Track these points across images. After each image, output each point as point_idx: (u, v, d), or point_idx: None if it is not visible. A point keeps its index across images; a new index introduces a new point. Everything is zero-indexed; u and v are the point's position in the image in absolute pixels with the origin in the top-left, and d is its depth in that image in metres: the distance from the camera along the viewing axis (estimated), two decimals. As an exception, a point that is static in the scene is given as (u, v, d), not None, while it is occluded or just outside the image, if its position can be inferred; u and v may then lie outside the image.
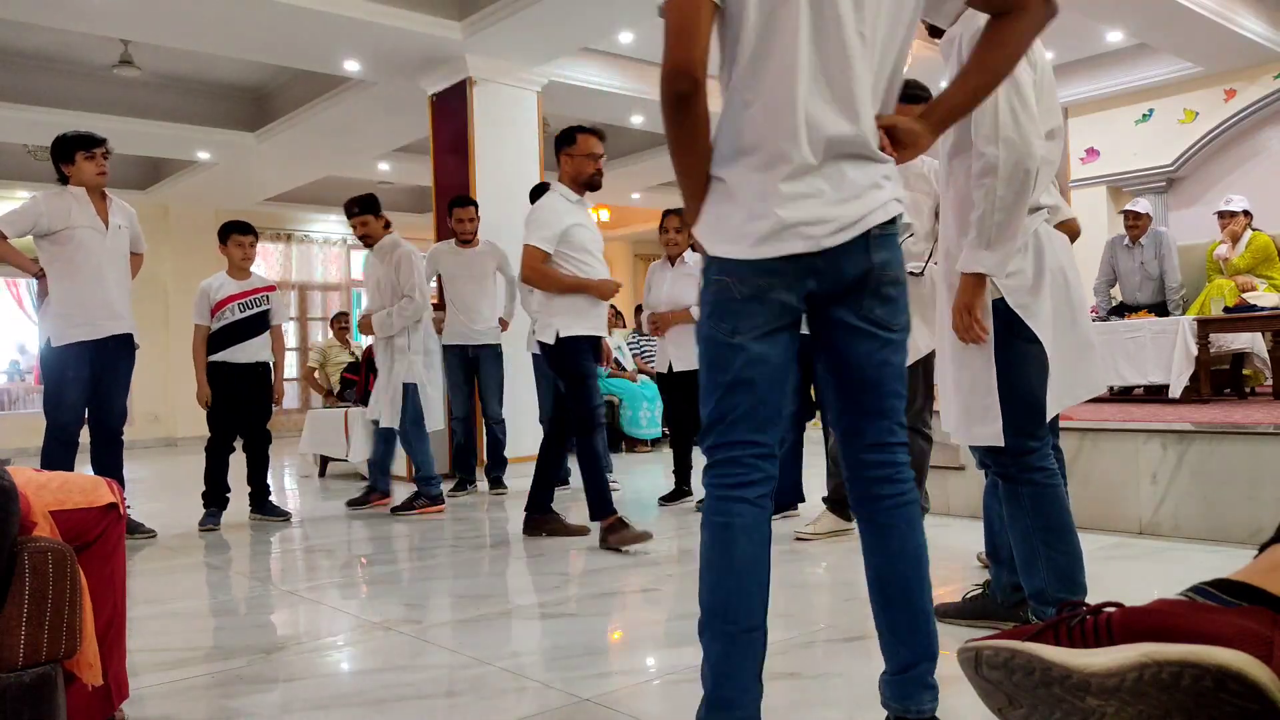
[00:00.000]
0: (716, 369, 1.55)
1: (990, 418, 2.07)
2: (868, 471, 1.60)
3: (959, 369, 2.13)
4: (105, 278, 4.32)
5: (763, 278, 1.49)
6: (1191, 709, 0.84)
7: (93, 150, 4.34)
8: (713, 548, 1.53)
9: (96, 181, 4.35)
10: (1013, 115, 1.96)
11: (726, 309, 1.53)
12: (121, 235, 4.43)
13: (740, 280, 1.50)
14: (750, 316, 1.51)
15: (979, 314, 2.05)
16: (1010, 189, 1.96)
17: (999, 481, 2.19)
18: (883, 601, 1.61)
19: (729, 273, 1.52)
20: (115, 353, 4.38)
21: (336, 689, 2.29)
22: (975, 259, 2.02)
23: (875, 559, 1.62)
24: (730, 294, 1.52)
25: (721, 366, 1.54)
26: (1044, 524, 2.10)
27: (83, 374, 4.29)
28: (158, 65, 8.20)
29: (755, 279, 1.50)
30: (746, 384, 1.52)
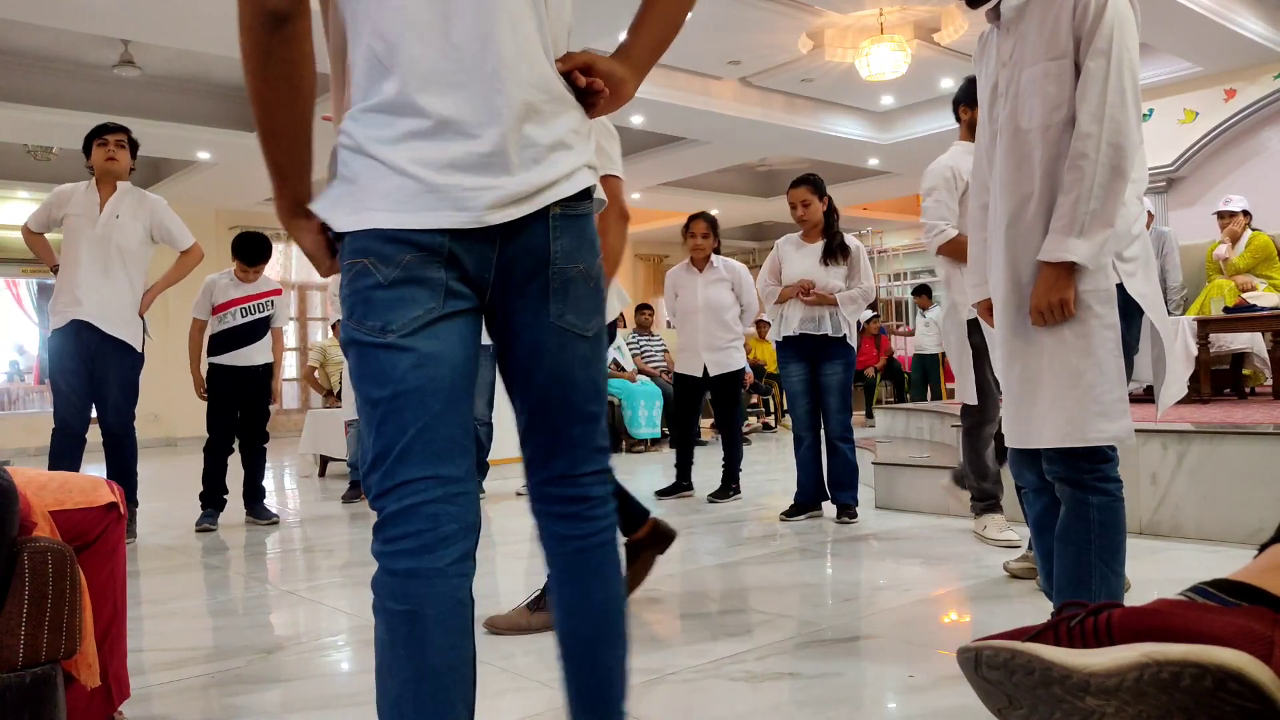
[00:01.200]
0: (368, 382, 1.15)
1: (1120, 412, 1.85)
2: (549, 505, 1.29)
3: (1080, 358, 1.87)
4: (79, 265, 4.26)
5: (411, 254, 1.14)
6: (1191, 709, 0.84)
7: (104, 137, 4.36)
8: (392, 648, 1.10)
9: (105, 168, 4.34)
10: (1121, 94, 1.80)
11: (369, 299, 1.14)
12: (118, 226, 4.31)
13: (383, 262, 1.14)
14: (403, 306, 1.14)
15: (1075, 307, 1.85)
16: (1108, 172, 1.80)
17: (1071, 491, 1.94)
18: (563, 660, 1.31)
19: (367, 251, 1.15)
20: (101, 348, 4.30)
21: (336, 689, 2.29)
22: (1065, 247, 1.82)
23: (557, 608, 1.32)
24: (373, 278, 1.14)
25: (375, 378, 1.14)
26: (1107, 541, 1.91)
27: (68, 365, 4.27)
28: (158, 65, 8.20)
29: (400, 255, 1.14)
30: (412, 395, 1.12)
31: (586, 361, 1.26)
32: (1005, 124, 1.97)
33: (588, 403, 1.27)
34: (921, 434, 6.19)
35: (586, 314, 1.25)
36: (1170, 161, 8.29)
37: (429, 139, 1.13)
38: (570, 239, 1.22)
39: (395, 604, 1.11)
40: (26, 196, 10.77)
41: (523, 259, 1.19)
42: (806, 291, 4.36)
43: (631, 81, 1.27)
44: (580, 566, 1.29)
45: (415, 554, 1.11)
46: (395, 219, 1.12)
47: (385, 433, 1.12)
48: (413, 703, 1.09)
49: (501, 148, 1.14)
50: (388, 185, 1.13)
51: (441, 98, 1.13)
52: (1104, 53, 1.81)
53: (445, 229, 1.13)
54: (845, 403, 4.42)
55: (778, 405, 11.03)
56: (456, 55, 1.14)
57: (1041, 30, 1.89)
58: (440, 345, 1.14)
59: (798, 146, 10.28)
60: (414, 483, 1.11)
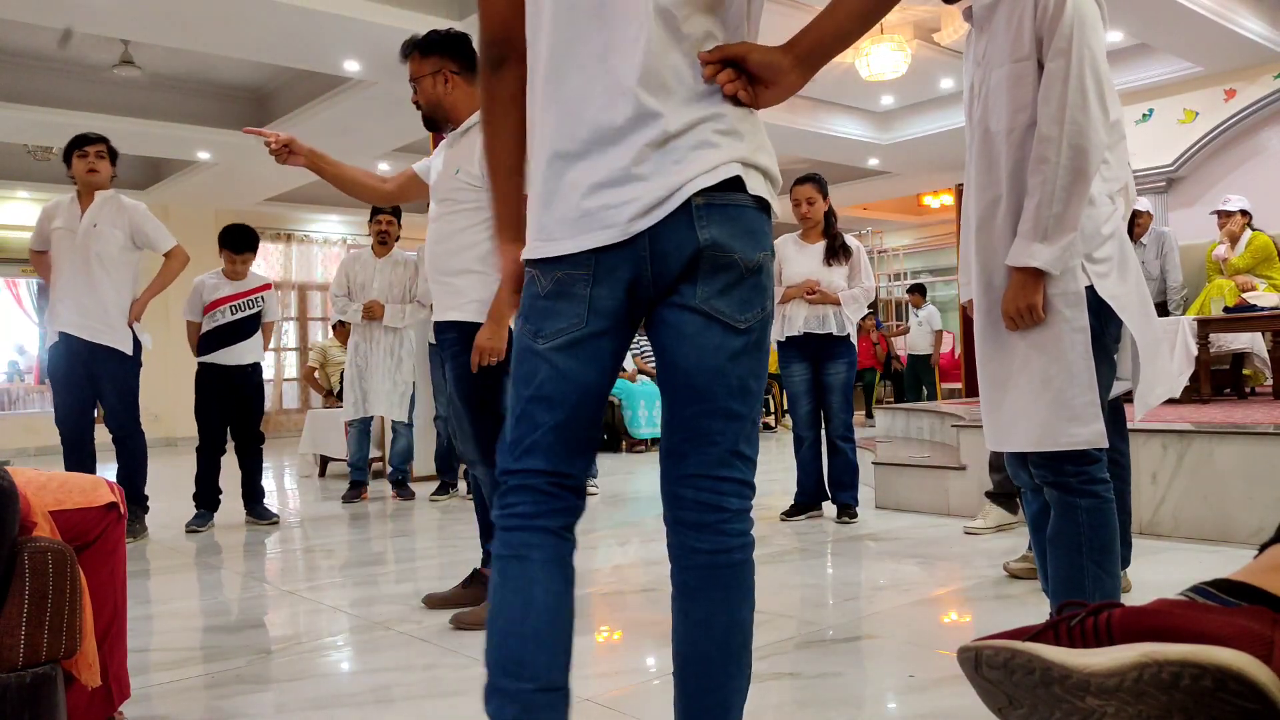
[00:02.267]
0: (519, 380, 1.28)
1: (1091, 416, 1.83)
2: (681, 511, 1.27)
3: (1049, 363, 1.86)
4: (61, 276, 4.31)
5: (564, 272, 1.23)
6: (1191, 709, 0.84)
7: (84, 149, 4.36)
8: (504, 589, 1.21)
9: (86, 180, 4.36)
10: (1082, 94, 1.78)
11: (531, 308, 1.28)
12: (96, 234, 4.32)
13: (542, 274, 1.26)
14: (552, 317, 1.25)
15: (1043, 312, 1.84)
16: (1070, 175, 1.78)
17: (1058, 495, 1.93)
18: (680, 681, 1.28)
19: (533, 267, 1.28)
20: (92, 355, 4.33)
21: (336, 689, 2.29)
22: (1029, 252, 1.81)
23: (678, 626, 1.28)
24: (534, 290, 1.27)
25: (523, 378, 1.27)
26: (1098, 542, 1.89)
27: (63, 374, 4.32)
28: (158, 65, 8.20)
29: (555, 273, 1.24)
30: (545, 402, 1.25)
31: (736, 355, 1.24)
32: (976, 126, 1.97)
33: (731, 398, 1.25)
34: (921, 434, 6.19)
35: (740, 304, 1.23)
36: (1170, 161, 8.29)
37: (574, 161, 1.22)
38: (719, 228, 1.21)
39: (508, 551, 1.24)
40: (26, 196, 10.77)
41: (674, 254, 1.21)
42: (811, 291, 4.36)
43: (795, 73, 1.25)
44: (706, 583, 1.26)
45: (529, 516, 1.24)
46: (548, 248, 1.24)
47: (522, 424, 1.26)
48: (521, 635, 1.19)
49: (640, 159, 1.19)
50: (543, 216, 1.25)
51: (582, 118, 1.21)
52: (1064, 52, 1.79)
53: (594, 249, 1.21)
54: (847, 402, 4.42)
55: (778, 405, 11.03)
56: (596, 72, 1.21)
57: (1008, 31, 1.87)
58: (576, 365, 1.24)
59: (798, 146, 10.27)
60: (534, 472, 1.25)
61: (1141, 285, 1.99)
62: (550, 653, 1.20)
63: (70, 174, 4.39)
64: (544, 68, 1.24)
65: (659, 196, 1.19)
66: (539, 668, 1.18)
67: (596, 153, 1.20)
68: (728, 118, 1.23)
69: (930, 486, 4.58)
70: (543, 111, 1.25)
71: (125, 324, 4.41)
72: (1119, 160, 1.96)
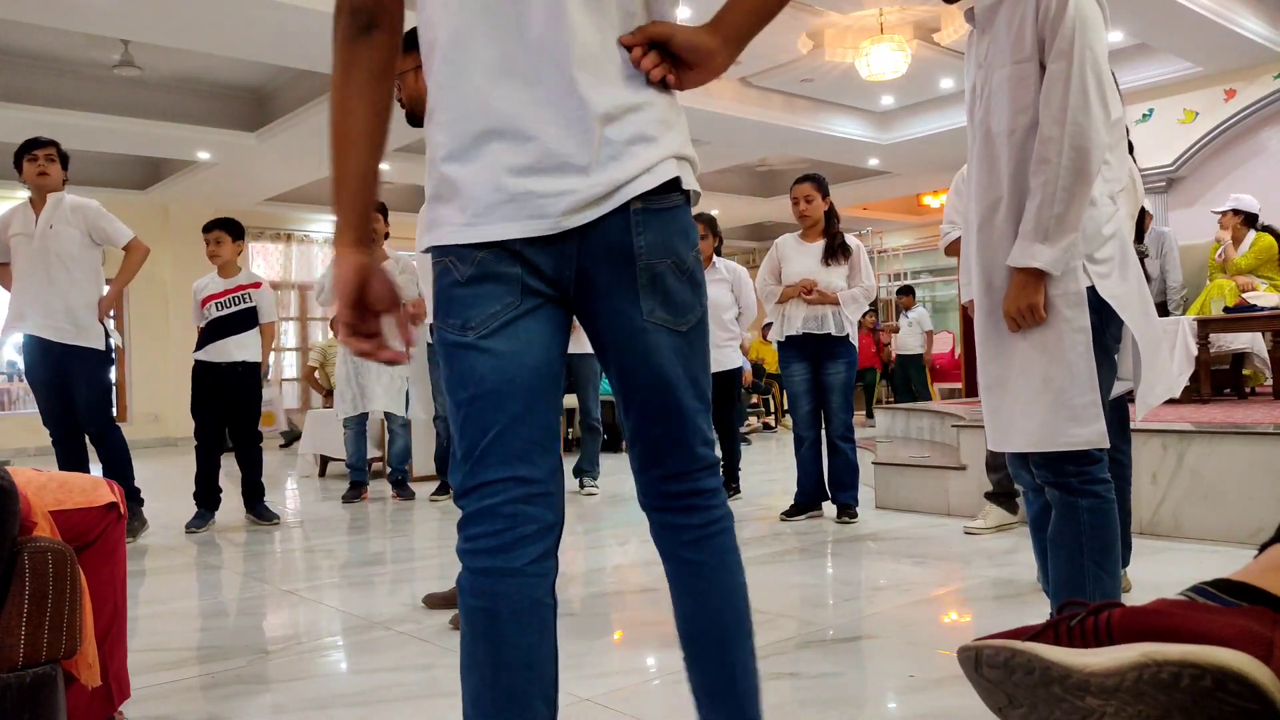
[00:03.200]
0: (454, 384, 1.16)
1: (1091, 416, 1.82)
2: (667, 501, 1.28)
3: (1050, 363, 1.86)
4: (20, 279, 4.35)
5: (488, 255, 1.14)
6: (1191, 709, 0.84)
7: (34, 153, 4.37)
8: (474, 643, 1.12)
9: (37, 183, 4.37)
10: (1083, 95, 1.77)
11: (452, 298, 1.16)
12: (54, 235, 4.33)
13: (460, 260, 1.14)
14: (481, 302, 1.14)
15: (1044, 313, 1.84)
16: (1071, 176, 1.78)
17: (1060, 495, 1.93)
18: (696, 656, 1.29)
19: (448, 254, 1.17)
20: (61, 354, 4.35)
21: (336, 689, 2.29)
22: (1030, 253, 1.81)
23: (682, 606, 1.29)
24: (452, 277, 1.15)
25: (459, 380, 1.15)
26: (1099, 543, 1.88)
27: (37, 375, 4.40)
28: (158, 65, 8.20)
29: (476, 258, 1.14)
30: (491, 397, 1.13)
31: (685, 357, 1.22)
32: (978, 127, 1.97)
33: (692, 399, 1.23)
34: (921, 434, 6.19)
35: (680, 308, 1.20)
36: (1170, 161, 8.29)
37: (502, 144, 1.11)
38: (655, 233, 1.16)
39: (474, 601, 1.13)
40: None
41: (604, 258, 1.15)
42: (809, 291, 4.36)
43: (723, 53, 1.19)
44: (703, 555, 1.26)
45: (493, 553, 1.12)
46: (470, 233, 1.12)
47: (468, 433, 1.14)
48: (490, 698, 1.11)
49: (577, 148, 1.11)
50: (463, 198, 1.13)
51: (513, 99, 1.11)
52: (1065, 54, 1.79)
53: (521, 238, 1.12)
54: (847, 402, 4.42)
55: (778, 405, 11.04)
56: (527, 50, 1.11)
57: (1009, 32, 1.87)
58: (518, 345, 1.13)
59: (797, 146, 10.27)
60: (494, 484, 1.13)
61: (1142, 285, 1.99)
62: (525, 712, 1.12)
63: (22, 179, 4.40)
64: (447, 36, 1.13)
65: (597, 194, 1.11)
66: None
67: (521, 133, 1.10)
68: (658, 106, 1.17)
69: (930, 486, 4.58)
70: (448, 88, 1.13)
71: (94, 321, 4.42)
72: (1120, 160, 1.97)
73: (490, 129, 1.11)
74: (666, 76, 1.17)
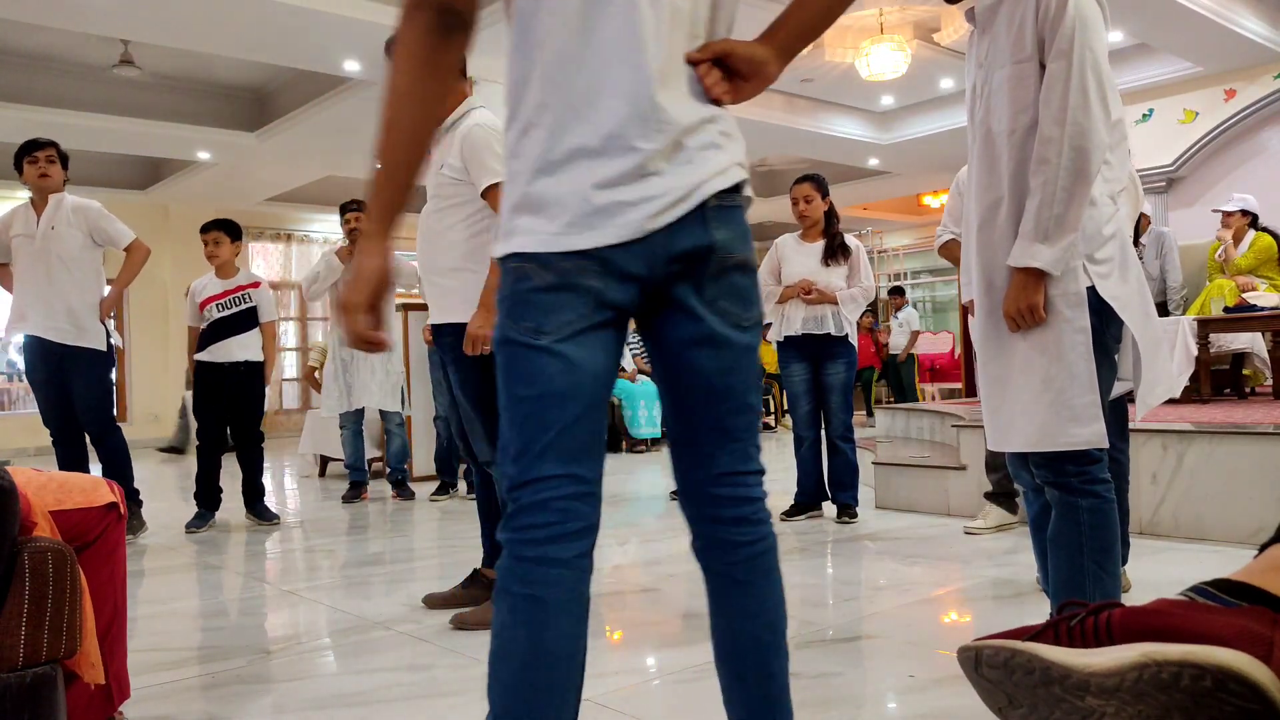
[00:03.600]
0: (517, 381, 1.20)
1: (1091, 416, 1.82)
2: (718, 509, 1.28)
3: (1050, 363, 1.86)
4: (22, 280, 4.35)
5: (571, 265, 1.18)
6: (1191, 709, 0.84)
7: (34, 155, 4.37)
8: (514, 630, 1.14)
9: (37, 184, 4.37)
10: (1083, 95, 1.77)
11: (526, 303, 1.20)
12: (55, 236, 4.33)
13: (543, 267, 1.18)
14: (558, 310, 1.18)
15: (1044, 313, 1.85)
16: (1071, 176, 1.78)
17: (1059, 495, 1.93)
18: (737, 674, 1.30)
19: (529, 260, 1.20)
20: (62, 354, 4.35)
21: (336, 689, 2.29)
22: (1030, 253, 1.81)
23: (726, 621, 1.30)
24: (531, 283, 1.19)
25: (524, 378, 1.19)
26: (1099, 543, 1.88)
27: (38, 375, 4.38)
28: (158, 65, 8.20)
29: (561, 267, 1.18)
30: (556, 398, 1.17)
31: (748, 355, 1.27)
32: (979, 127, 1.97)
33: (748, 393, 1.28)
34: (921, 434, 6.19)
35: (745, 304, 1.26)
36: (1170, 161, 8.29)
37: (592, 159, 1.17)
38: (727, 230, 1.23)
39: (521, 588, 1.15)
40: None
41: (683, 255, 1.21)
42: (807, 291, 4.36)
43: (775, 64, 1.26)
44: (752, 573, 1.28)
45: (544, 544, 1.15)
46: (561, 242, 1.16)
47: (528, 429, 1.17)
48: (528, 684, 1.13)
49: (660, 158, 1.17)
50: (553, 209, 1.17)
51: (605, 117, 1.16)
52: (1065, 54, 1.79)
53: (605, 245, 1.17)
54: (847, 402, 4.42)
55: (777, 405, 11.03)
56: (616, 70, 1.17)
57: (1009, 32, 1.87)
58: (585, 353, 1.18)
59: (798, 146, 10.27)
60: (550, 479, 1.16)
61: (1143, 285, 1.99)
62: (560, 702, 1.15)
63: (22, 180, 4.41)
64: (551, 54, 1.18)
65: (676, 196, 1.18)
66: (548, 718, 1.15)
67: (610, 147, 1.16)
68: (723, 119, 1.25)
69: (930, 486, 4.58)
70: (543, 97, 1.18)
71: (96, 322, 4.42)
72: (1121, 161, 1.97)
73: (582, 146, 1.17)
74: (725, 95, 1.24)
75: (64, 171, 4.46)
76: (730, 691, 1.31)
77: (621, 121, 1.16)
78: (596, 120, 1.16)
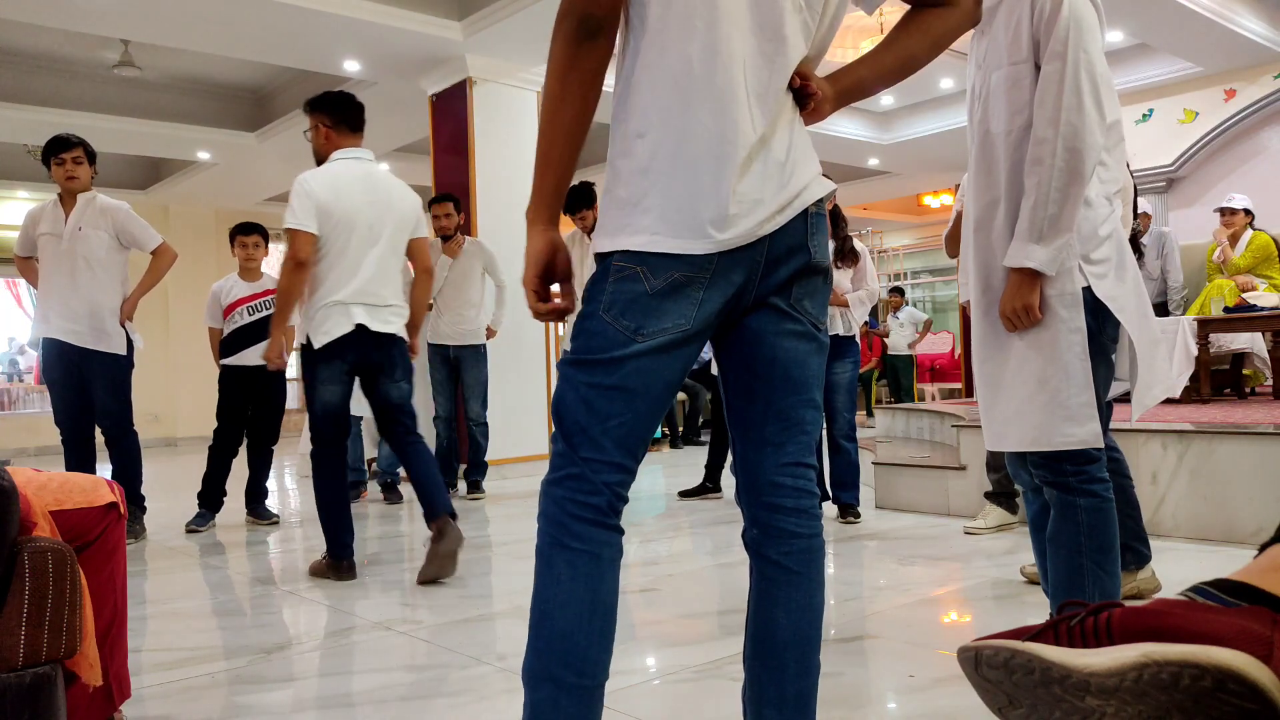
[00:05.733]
0: (599, 366, 1.28)
1: (1087, 416, 1.84)
2: (780, 498, 1.35)
3: (1046, 363, 1.87)
4: (48, 280, 4.34)
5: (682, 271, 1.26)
6: (1191, 709, 0.84)
7: (61, 155, 4.35)
8: (573, 582, 1.23)
9: (66, 186, 4.37)
10: (1077, 96, 1.79)
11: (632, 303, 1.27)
12: (82, 238, 4.33)
13: (652, 271, 1.25)
14: (660, 316, 1.25)
15: (1040, 313, 1.86)
16: (1065, 177, 1.80)
17: (1058, 494, 1.94)
18: (776, 665, 1.35)
19: (639, 262, 1.26)
20: (82, 357, 4.33)
21: (336, 689, 2.29)
22: (1025, 253, 1.83)
23: (773, 612, 1.35)
24: (640, 287, 1.25)
25: (607, 366, 1.27)
26: (1098, 542, 1.89)
27: (55, 376, 4.34)
28: (158, 65, 8.20)
29: (672, 272, 1.25)
30: (627, 393, 1.26)
31: (819, 351, 1.36)
32: (977, 128, 1.98)
33: (818, 390, 1.36)
34: (922, 434, 6.19)
35: (821, 307, 1.36)
36: (1170, 161, 8.29)
37: (709, 164, 1.23)
38: (819, 236, 1.32)
39: (580, 545, 1.24)
40: (26, 196, 10.77)
41: (784, 257, 1.29)
42: None
43: (829, 104, 1.35)
44: (806, 565, 1.35)
45: (598, 509, 1.25)
46: (673, 244, 1.23)
47: (594, 411, 1.26)
48: (585, 630, 1.23)
49: (770, 165, 1.26)
50: (665, 209, 1.24)
51: (726, 119, 1.24)
52: (1060, 55, 1.80)
53: (719, 252, 1.24)
54: (851, 401, 4.42)
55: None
56: (741, 76, 1.25)
57: (1006, 33, 1.88)
58: (667, 360, 1.27)
59: (798, 146, 10.26)
60: (602, 462, 1.26)
61: (1139, 286, 1.99)
62: (608, 652, 1.26)
63: (50, 177, 4.40)
64: (696, 65, 1.24)
65: (783, 202, 1.27)
66: (601, 666, 1.24)
67: (730, 155, 1.23)
68: (805, 134, 1.34)
69: (930, 486, 4.58)
70: (682, 104, 1.25)
71: (118, 325, 4.41)
72: (1118, 162, 1.97)
73: (699, 153, 1.24)
74: (812, 116, 1.35)
75: (92, 169, 4.45)
76: (762, 686, 1.35)
77: (745, 129, 1.24)
78: (724, 125, 1.24)
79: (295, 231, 3.36)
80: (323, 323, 3.40)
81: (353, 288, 3.42)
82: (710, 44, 1.23)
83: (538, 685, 1.23)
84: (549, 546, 1.26)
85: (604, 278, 1.27)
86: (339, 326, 3.40)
